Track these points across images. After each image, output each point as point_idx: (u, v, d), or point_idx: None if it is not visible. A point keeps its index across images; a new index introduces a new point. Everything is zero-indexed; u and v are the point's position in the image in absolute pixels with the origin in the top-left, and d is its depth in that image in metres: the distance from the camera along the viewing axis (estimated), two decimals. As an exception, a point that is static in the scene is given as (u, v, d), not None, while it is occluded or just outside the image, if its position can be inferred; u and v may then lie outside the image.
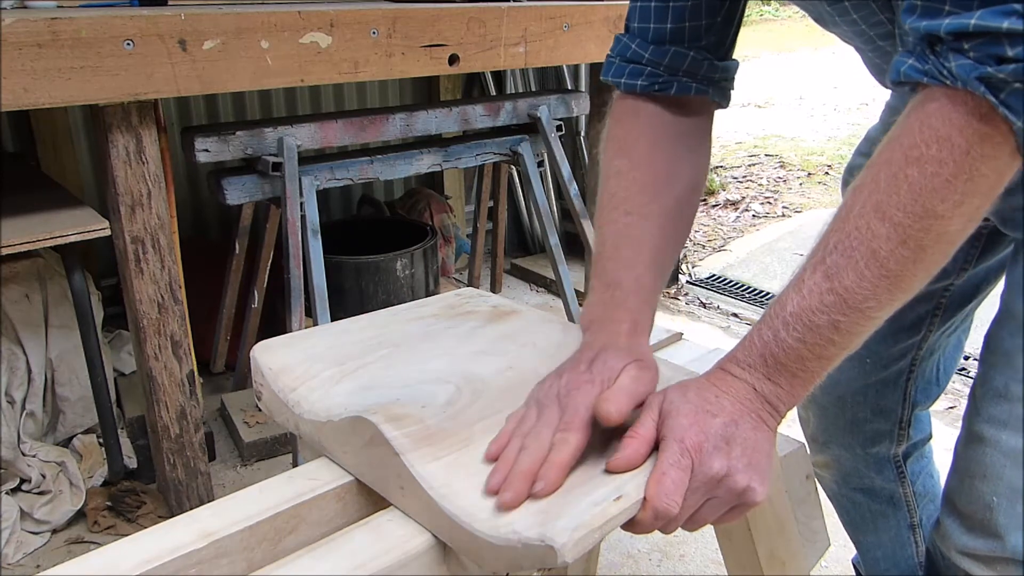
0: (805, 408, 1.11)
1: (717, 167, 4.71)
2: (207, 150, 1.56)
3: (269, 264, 2.00)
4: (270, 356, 0.77)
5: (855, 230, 0.59)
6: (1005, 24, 0.52)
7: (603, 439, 0.64)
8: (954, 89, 0.55)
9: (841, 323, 0.60)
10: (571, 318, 2.06)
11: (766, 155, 5.01)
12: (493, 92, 2.83)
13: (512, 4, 1.79)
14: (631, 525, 0.59)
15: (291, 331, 1.55)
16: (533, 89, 2.95)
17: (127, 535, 0.58)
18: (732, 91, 0.85)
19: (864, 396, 1.04)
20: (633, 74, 0.80)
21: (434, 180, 2.93)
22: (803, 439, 0.89)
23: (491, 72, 2.75)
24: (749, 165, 4.77)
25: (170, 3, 1.58)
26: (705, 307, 2.79)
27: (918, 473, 1.10)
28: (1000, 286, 0.85)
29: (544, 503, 0.56)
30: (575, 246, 2.65)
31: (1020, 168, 0.57)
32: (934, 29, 0.55)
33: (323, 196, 2.52)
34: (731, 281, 3.01)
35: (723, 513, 0.62)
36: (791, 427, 1.27)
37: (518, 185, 3.04)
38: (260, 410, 0.96)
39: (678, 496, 0.58)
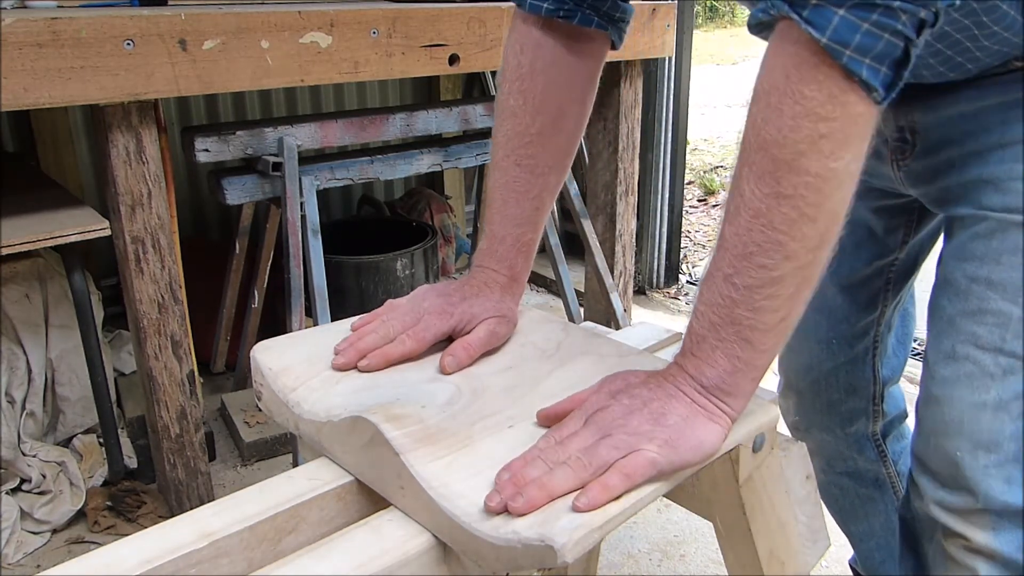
0: (785, 396, 1.14)
1: (717, 167, 4.71)
2: (207, 150, 1.56)
3: (269, 264, 2.00)
4: (270, 356, 0.77)
5: (731, 182, 0.62)
6: None
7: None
8: (781, 19, 0.57)
9: (732, 276, 0.60)
10: (571, 318, 2.06)
11: (766, 155, 5.00)
12: (493, 92, 2.83)
13: (513, 3, 1.78)
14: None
15: (291, 331, 1.55)
16: (533, 89, 2.94)
17: (127, 535, 0.58)
18: (625, 33, 0.86)
19: (836, 377, 1.08)
20: None
21: (434, 180, 2.93)
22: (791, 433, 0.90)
23: (491, 72, 2.75)
24: (749, 165, 4.76)
25: (170, 3, 1.58)
26: (705, 307, 2.79)
27: (899, 453, 1.13)
28: (933, 259, 0.89)
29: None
30: (575, 246, 2.65)
31: (870, 91, 0.56)
32: None
33: (323, 196, 2.52)
34: (731, 281, 3.01)
35: (621, 456, 0.59)
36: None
37: (518, 185, 3.04)
38: (260, 410, 0.96)
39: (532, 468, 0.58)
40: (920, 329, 1.01)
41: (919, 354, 2.20)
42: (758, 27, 0.61)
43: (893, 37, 0.55)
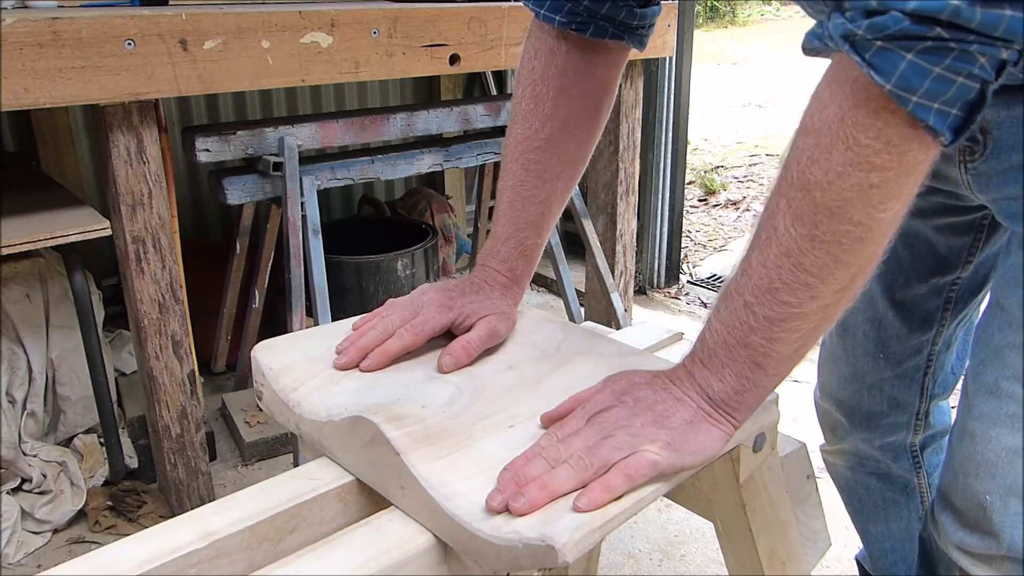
0: (825, 400, 1.11)
1: (718, 167, 4.71)
2: (208, 150, 1.56)
3: (270, 264, 2.00)
4: (271, 356, 0.77)
5: (764, 207, 0.59)
6: None
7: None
8: (839, 53, 0.53)
9: (752, 305, 0.59)
10: (572, 318, 2.06)
11: (767, 155, 5.00)
12: (494, 92, 2.83)
13: (513, 4, 1.78)
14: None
15: (292, 331, 1.55)
16: (534, 89, 2.94)
17: (128, 535, 0.58)
18: (648, 37, 0.84)
19: (880, 390, 1.03)
20: (553, 8, 0.79)
21: (435, 180, 2.93)
22: (803, 439, 0.89)
23: (492, 72, 2.75)
24: (750, 165, 4.77)
25: (171, 3, 1.58)
26: (706, 307, 2.79)
27: (936, 466, 1.08)
28: None
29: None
30: (575, 246, 2.65)
31: (933, 141, 0.52)
32: None
33: (324, 196, 2.52)
34: (732, 281, 3.01)
35: (623, 456, 0.59)
36: (791, 427, 1.27)
37: (519, 185, 3.03)
38: (261, 410, 0.96)
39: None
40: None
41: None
42: (814, 51, 0.57)
43: (968, 80, 0.50)
